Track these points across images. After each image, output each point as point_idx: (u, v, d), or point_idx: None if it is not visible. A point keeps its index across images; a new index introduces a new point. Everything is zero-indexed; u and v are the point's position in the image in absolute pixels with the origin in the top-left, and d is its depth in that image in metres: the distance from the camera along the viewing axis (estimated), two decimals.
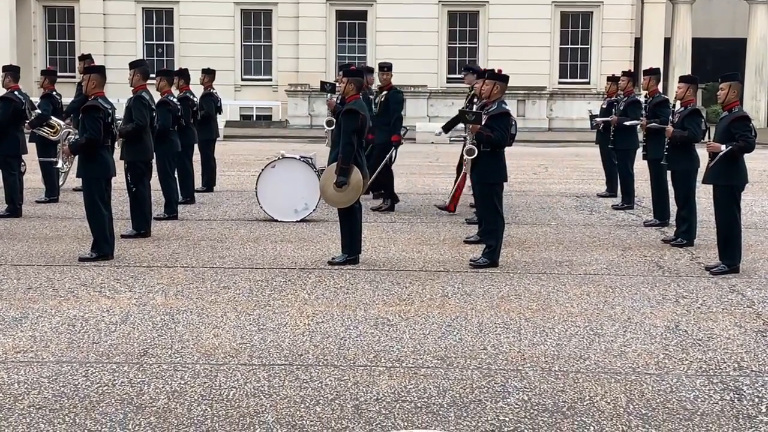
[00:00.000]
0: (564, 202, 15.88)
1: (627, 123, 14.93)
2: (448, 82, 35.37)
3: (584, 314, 8.47)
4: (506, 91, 10.81)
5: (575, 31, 35.68)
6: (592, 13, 35.38)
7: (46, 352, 7.14)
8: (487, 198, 10.61)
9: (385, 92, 14.56)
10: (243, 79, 35.82)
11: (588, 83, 35.67)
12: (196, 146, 15.95)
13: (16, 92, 13.79)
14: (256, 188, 13.51)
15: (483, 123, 10.35)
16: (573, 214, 14.63)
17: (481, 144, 10.41)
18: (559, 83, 35.53)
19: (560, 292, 9.32)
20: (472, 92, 13.55)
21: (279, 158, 13.46)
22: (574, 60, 35.87)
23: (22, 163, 14.00)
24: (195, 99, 15.83)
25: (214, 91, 16.98)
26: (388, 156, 14.35)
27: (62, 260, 10.54)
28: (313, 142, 26.26)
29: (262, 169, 13.51)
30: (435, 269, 10.32)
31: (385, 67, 14.86)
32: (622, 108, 15.30)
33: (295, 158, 13.41)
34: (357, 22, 35.52)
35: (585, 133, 27.35)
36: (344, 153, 10.20)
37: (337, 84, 13.43)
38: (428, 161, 23.57)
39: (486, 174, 10.51)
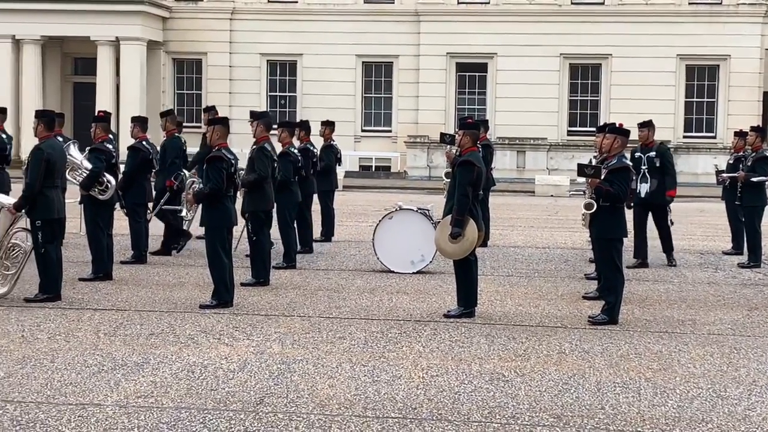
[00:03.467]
0: (687, 259, 15.51)
1: (754, 179, 14.56)
2: (568, 135, 35.15)
3: (707, 375, 8.21)
4: (628, 145, 10.68)
5: (701, 84, 35.08)
6: (718, 66, 34.76)
7: (165, 398, 7.27)
8: (607, 254, 10.42)
9: (164, 138, 15.22)
10: (363, 130, 36.29)
11: (714, 138, 34.98)
12: (315, 196, 16.17)
13: (143, 142, 14.23)
14: (373, 239, 13.59)
15: (602, 177, 10.21)
16: (697, 271, 14.26)
17: (600, 198, 10.27)
18: (684, 137, 34.92)
19: (682, 351, 9.06)
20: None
21: (396, 209, 13.53)
22: (699, 114, 35.24)
23: (148, 211, 14.40)
24: (315, 150, 16.07)
25: (334, 142, 17.23)
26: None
27: (183, 307, 10.76)
28: (431, 193, 26.33)
29: (380, 220, 13.59)
30: (552, 325, 10.17)
31: (164, 114, 15.55)
32: (749, 164, 14.94)
33: (412, 210, 13.45)
34: (477, 74, 35.67)
35: (710, 188, 26.73)
36: (459, 205, 10.19)
37: (457, 136, 13.49)
38: (547, 215, 23.34)
39: (605, 229, 10.35)
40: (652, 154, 14.13)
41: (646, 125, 14.32)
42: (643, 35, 34.20)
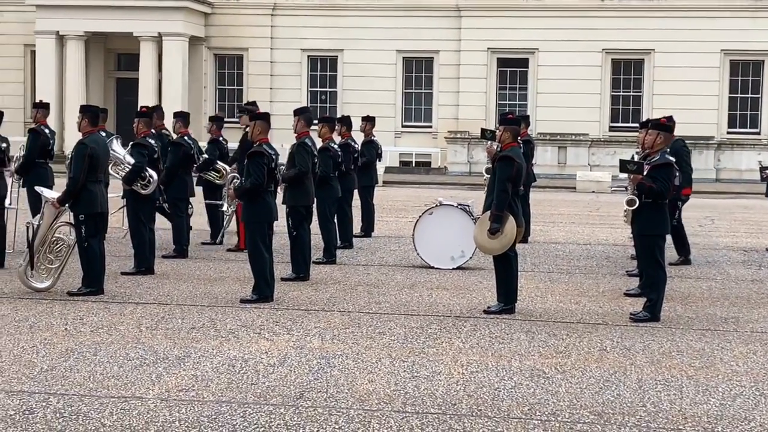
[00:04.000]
0: (731, 256, 15.35)
1: None
2: (610, 131, 34.88)
3: (750, 373, 8.13)
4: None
5: (745, 79, 34.65)
6: (763, 61, 34.32)
7: (206, 392, 7.32)
8: (648, 250, 10.34)
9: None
10: (403, 126, 36.24)
11: (758, 133, 34.54)
12: (355, 192, 16.19)
13: (185, 137, 14.32)
14: (413, 234, 13.59)
15: (645, 173, 10.13)
16: (740, 268, 14.11)
17: (642, 195, 10.19)
18: (728, 133, 34.53)
19: (725, 349, 8.97)
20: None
21: (437, 205, 13.51)
22: (743, 109, 34.81)
23: (190, 206, 14.49)
24: (356, 145, 16.08)
25: (375, 138, 17.25)
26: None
27: (224, 301, 10.83)
28: (472, 189, 26.27)
29: (420, 216, 13.59)
30: (593, 322, 10.11)
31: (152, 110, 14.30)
32: None
33: (452, 205, 13.43)
34: (518, 69, 35.50)
35: (754, 185, 26.46)
36: (498, 200, 10.16)
37: (497, 131, 13.45)
38: (588, 211, 23.20)
39: (647, 226, 10.26)
40: (666, 149, 13.94)
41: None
42: (686, 30, 33.84)
